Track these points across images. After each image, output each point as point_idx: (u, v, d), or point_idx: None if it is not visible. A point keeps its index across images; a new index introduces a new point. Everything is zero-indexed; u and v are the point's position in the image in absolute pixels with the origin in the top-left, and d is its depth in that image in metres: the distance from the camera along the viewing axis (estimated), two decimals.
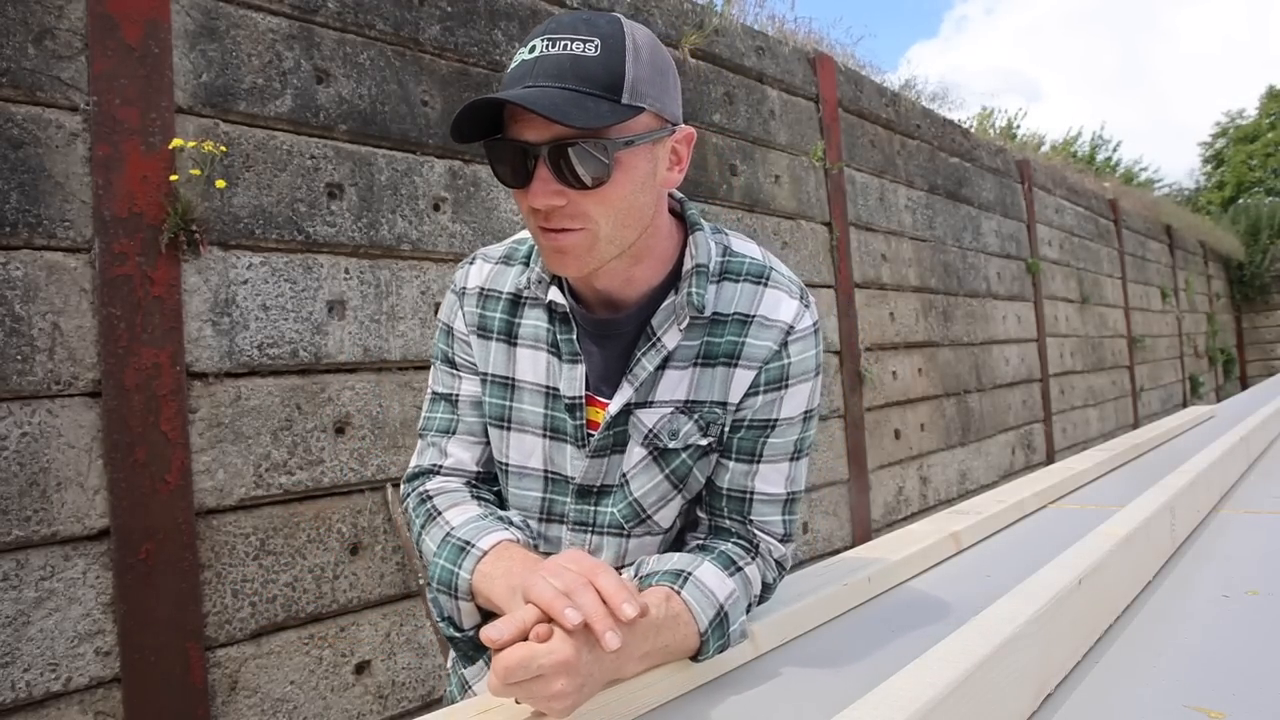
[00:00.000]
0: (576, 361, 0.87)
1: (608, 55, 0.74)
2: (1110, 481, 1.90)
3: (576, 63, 0.73)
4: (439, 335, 0.97)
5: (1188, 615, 0.94)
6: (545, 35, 0.75)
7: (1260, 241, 13.94)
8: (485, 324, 0.92)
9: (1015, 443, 5.88)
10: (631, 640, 0.72)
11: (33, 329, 1.72)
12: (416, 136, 2.42)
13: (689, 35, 3.42)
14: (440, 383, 0.96)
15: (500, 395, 0.91)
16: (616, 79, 0.73)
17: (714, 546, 0.88)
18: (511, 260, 0.93)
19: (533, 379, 0.90)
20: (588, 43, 0.73)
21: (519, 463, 0.92)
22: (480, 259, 0.96)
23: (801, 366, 0.89)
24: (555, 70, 0.73)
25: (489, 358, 0.92)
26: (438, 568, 0.84)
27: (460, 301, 0.94)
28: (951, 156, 5.47)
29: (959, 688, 0.60)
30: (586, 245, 0.78)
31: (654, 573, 0.83)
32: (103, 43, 1.82)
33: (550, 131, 0.73)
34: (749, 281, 0.88)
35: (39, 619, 1.69)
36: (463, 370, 0.94)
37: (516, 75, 0.75)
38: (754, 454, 0.88)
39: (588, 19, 0.76)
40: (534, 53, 0.74)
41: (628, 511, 0.90)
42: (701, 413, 0.87)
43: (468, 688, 1.05)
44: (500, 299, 0.92)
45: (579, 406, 0.87)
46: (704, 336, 0.86)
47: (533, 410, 0.90)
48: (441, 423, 0.95)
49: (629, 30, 0.76)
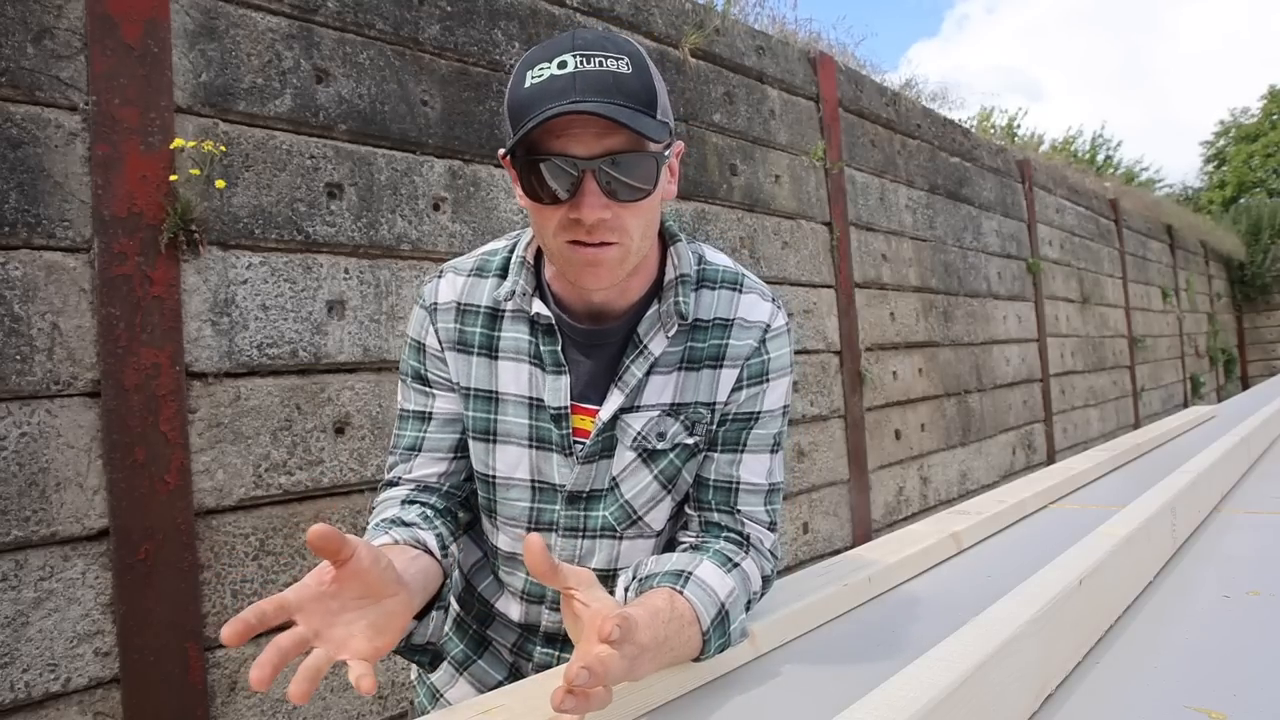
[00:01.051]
0: (560, 373, 0.89)
1: (639, 73, 0.76)
2: (1111, 482, 1.89)
3: (617, 79, 0.75)
4: (408, 353, 0.96)
5: (1188, 615, 0.94)
6: (576, 51, 0.75)
7: (1261, 241, 13.94)
8: (465, 339, 0.92)
9: (1016, 443, 5.88)
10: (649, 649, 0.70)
11: (32, 329, 1.72)
12: (416, 136, 2.42)
13: (689, 35, 3.41)
14: (411, 400, 0.96)
15: (484, 409, 0.92)
16: (651, 96, 0.77)
17: (709, 545, 0.89)
18: (485, 273, 0.94)
19: (516, 391, 0.91)
20: (619, 60, 0.76)
21: (505, 474, 0.93)
22: (450, 273, 0.95)
23: (779, 362, 0.93)
24: (600, 85, 0.74)
25: (470, 372, 0.92)
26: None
27: (432, 318, 0.93)
28: (952, 156, 5.46)
29: (959, 688, 0.60)
30: (619, 258, 0.80)
31: (654, 574, 0.84)
32: (102, 42, 1.82)
33: (601, 145, 0.75)
34: (725, 288, 0.93)
35: (38, 619, 1.69)
36: (436, 387, 0.94)
37: (554, 89, 0.74)
38: (738, 444, 0.92)
39: (609, 37, 0.78)
40: (565, 69, 0.74)
41: (619, 514, 0.92)
42: (687, 414, 0.90)
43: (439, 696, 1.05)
44: (478, 313, 0.92)
45: (564, 416, 0.89)
46: (686, 342, 0.90)
47: (517, 421, 0.91)
48: (409, 440, 0.95)
49: (643, 50, 0.80)
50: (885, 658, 0.87)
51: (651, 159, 0.77)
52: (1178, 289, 10.45)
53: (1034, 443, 6.16)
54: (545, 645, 1.00)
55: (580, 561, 0.95)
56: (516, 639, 1.03)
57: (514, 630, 1.03)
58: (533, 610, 0.99)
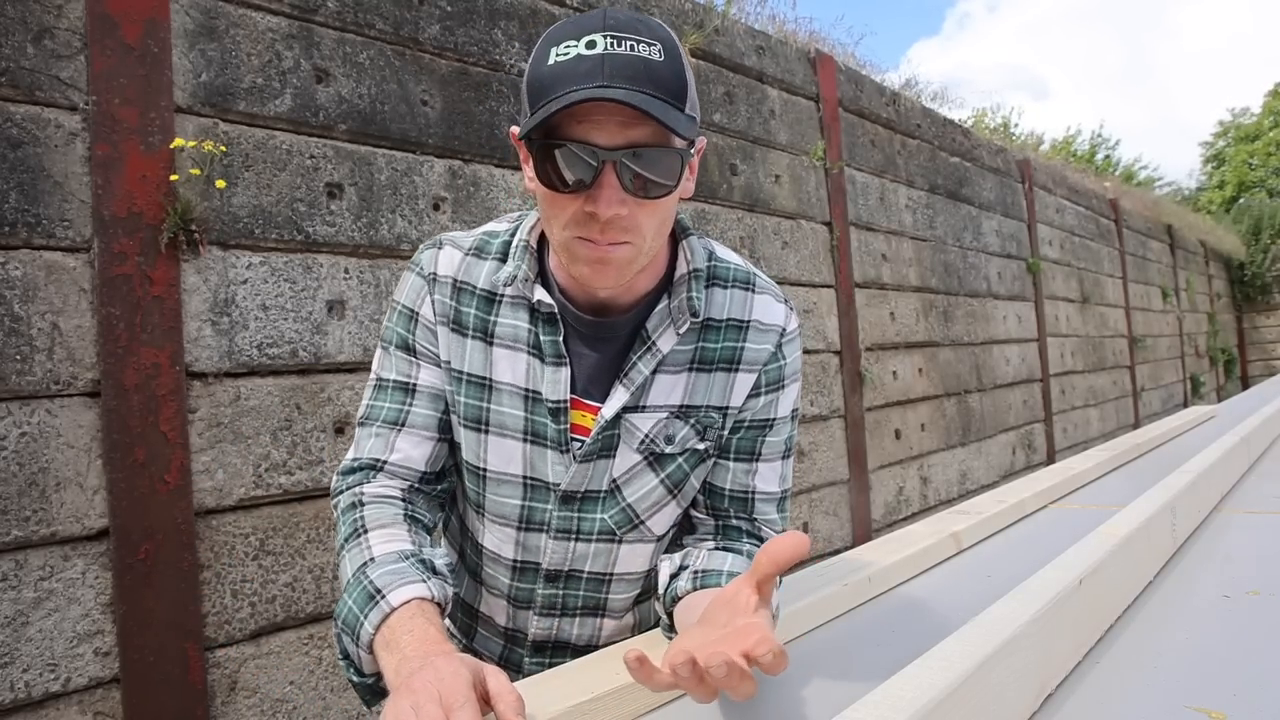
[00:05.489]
0: (561, 364, 0.83)
1: (672, 62, 0.71)
2: (1111, 481, 1.89)
3: (649, 66, 0.69)
4: (396, 319, 0.89)
5: (1188, 615, 0.94)
6: (607, 31, 0.69)
7: (1261, 241, 13.94)
8: (461, 319, 0.86)
9: (1016, 443, 5.88)
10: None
11: (32, 329, 1.72)
12: (416, 136, 2.42)
13: (689, 35, 3.41)
14: (394, 369, 0.88)
15: (477, 396, 0.86)
16: (682, 87, 0.71)
17: (733, 548, 0.87)
18: (484, 254, 0.87)
19: (511, 381, 0.85)
20: (652, 45, 0.70)
21: (498, 468, 0.87)
22: (449, 245, 0.88)
23: (794, 367, 0.90)
24: (630, 71, 0.68)
25: (465, 355, 0.86)
26: (345, 608, 0.75)
27: (430, 287, 0.87)
28: (952, 156, 5.46)
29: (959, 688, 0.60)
30: (630, 259, 0.75)
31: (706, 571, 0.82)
32: (102, 42, 1.82)
33: (624, 136, 0.70)
34: (738, 287, 0.88)
35: (38, 619, 1.69)
36: (422, 359, 0.87)
37: (580, 71, 0.68)
38: (753, 453, 0.89)
39: (642, 19, 0.72)
40: (594, 49, 0.68)
41: (620, 517, 0.88)
42: (698, 417, 0.86)
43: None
44: (475, 294, 0.86)
45: (563, 410, 0.84)
46: (698, 342, 0.86)
47: (513, 413, 0.85)
48: (390, 413, 0.87)
49: (675, 36, 0.74)
50: (885, 657, 0.87)
51: (676, 155, 0.72)
52: (1178, 289, 10.45)
53: (1034, 443, 6.16)
54: (534, 655, 0.96)
55: (572, 565, 0.90)
56: (503, 649, 0.98)
57: (499, 638, 0.98)
58: (520, 615, 0.95)
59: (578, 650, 0.95)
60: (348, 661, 0.77)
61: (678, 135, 0.71)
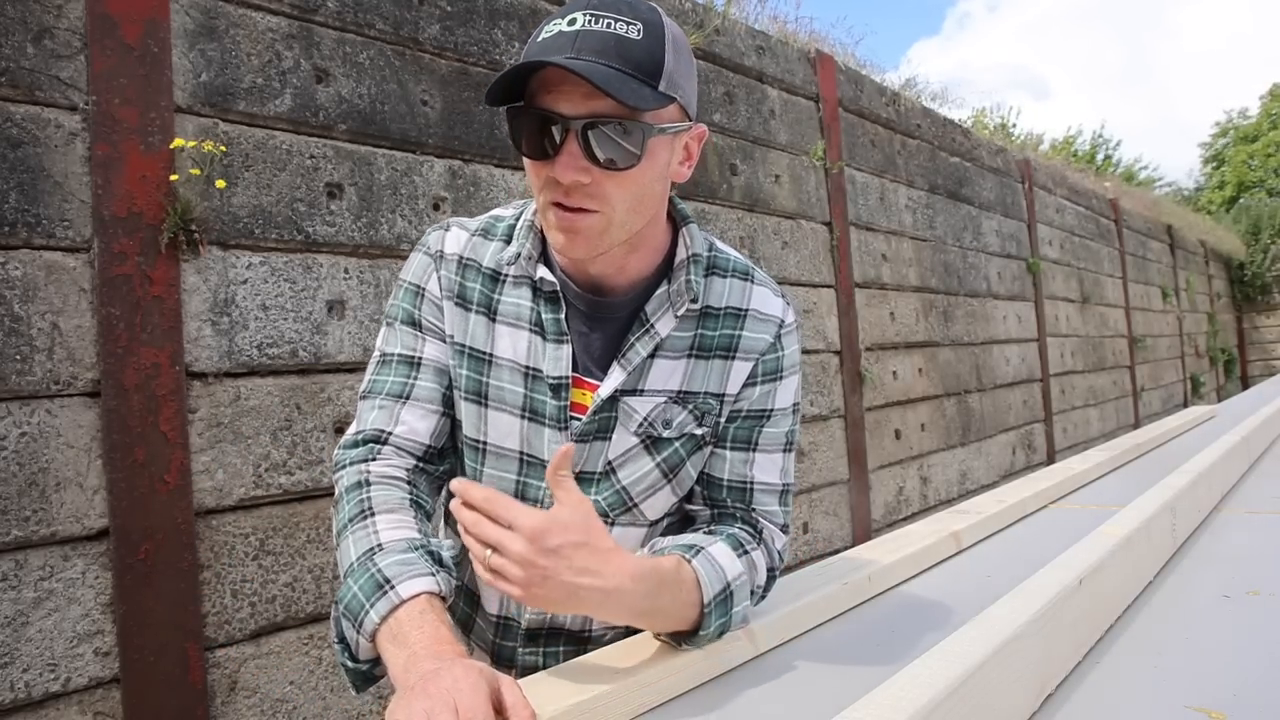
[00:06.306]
0: (563, 341, 0.85)
1: (650, 41, 0.74)
2: (1111, 482, 1.89)
3: (621, 43, 0.72)
4: (403, 295, 0.91)
5: (1188, 615, 0.94)
6: (588, 10, 0.73)
7: (1261, 241, 13.94)
8: (466, 294, 0.89)
9: (1016, 443, 5.88)
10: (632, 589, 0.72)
11: (32, 329, 1.72)
12: (416, 136, 2.42)
13: (689, 34, 3.41)
14: (398, 344, 0.89)
15: (476, 369, 0.88)
16: (656, 65, 0.74)
17: (722, 530, 0.88)
18: (490, 235, 0.90)
19: (512, 357, 0.87)
20: (631, 24, 0.73)
21: (497, 442, 0.89)
22: (456, 227, 0.91)
23: (792, 359, 0.92)
24: (599, 46, 0.72)
25: (468, 330, 0.88)
26: (349, 593, 0.75)
27: (437, 265, 0.89)
28: (952, 156, 5.46)
29: (959, 688, 0.60)
30: (599, 229, 0.77)
31: (666, 547, 0.84)
32: (102, 42, 1.82)
33: (587, 106, 0.72)
34: (736, 277, 0.91)
35: (38, 619, 1.69)
36: (428, 333, 0.89)
37: (555, 44, 0.72)
38: (750, 442, 0.90)
39: (630, 2, 0.75)
40: (574, 25, 0.73)
41: (614, 499, 0.89)
42: (696, 403, 0.88)
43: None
44: (480, 272, 0.89)
45: (564, 387, 0.85)
46: (696, 329, 0.88)
47: (512, 389, 0.87)
48: (395, 386, 0.88)
49: (666, 20, 0.77)
50: (885, 657, 0.87)
51: (640, 129, 0.74)
52: (1178, 289, 10.45)
53: (1034, 443, 6.16)
54: (527, 645, 0.96)
55: None
56: (494, 642, 0.98)
57: (491, 627, 0.98)
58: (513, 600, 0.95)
59: (571, 635, 0.96)
60: (343, 645, 0.77)
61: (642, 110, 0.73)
